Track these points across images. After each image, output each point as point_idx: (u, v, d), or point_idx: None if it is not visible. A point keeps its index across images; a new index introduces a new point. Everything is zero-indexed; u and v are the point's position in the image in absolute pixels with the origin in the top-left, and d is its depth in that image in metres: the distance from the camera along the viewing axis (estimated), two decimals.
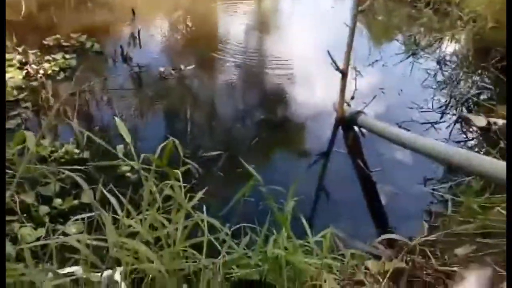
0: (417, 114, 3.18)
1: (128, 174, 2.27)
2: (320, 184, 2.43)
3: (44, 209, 1.91)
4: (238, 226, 1.31)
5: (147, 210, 1.29)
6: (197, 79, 3.69)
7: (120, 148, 1.99)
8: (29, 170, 1.95)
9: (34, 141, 0.94)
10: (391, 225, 2.04)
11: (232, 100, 3.43)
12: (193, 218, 1.26)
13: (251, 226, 1.34)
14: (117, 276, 1.17)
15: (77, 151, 2.38)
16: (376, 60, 4.15)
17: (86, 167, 2.21)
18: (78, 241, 1.15)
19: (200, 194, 1.45)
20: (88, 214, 1.38)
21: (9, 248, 1.04)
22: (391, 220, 2.11)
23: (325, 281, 1.22)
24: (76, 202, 2.01)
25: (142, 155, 1.31)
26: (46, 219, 1.83)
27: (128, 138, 1.29)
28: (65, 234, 1.64)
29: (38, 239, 1.80)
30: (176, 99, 3.32)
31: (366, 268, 1.51)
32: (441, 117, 3.19)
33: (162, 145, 1.40)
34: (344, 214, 1.95)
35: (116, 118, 1.34)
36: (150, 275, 1.22)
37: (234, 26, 5.08)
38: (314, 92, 3.52)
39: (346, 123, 2.79)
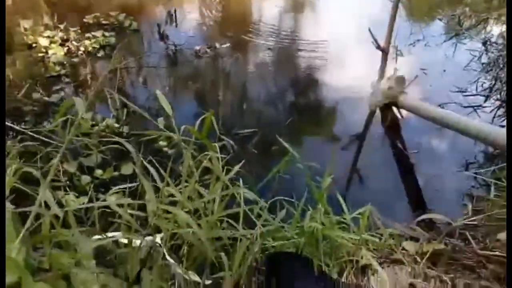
0: (460, 97, 3.04)
1: (165, 148, 2.32)
2: (354, 165, 2.38)
3: (86, 178, 1.99)
4: (274, 199, 1.30)
5: (186, 181, 1.31)
6: (232, 58, 3.68)
7: (160, 120, 2.03)
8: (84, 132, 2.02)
9: (83, 106, 0.97)
10: (429, 209, 1.98)
11: (265, 82, 3.39)
12: (230, 190, 1.27)
13: (288, 199, 1.33)
14: (158, 241, 1.21)
15: (117, 125, 2.45)
16: (418, 40, 3.98)
17: (127, 139, 2.27)
18: (120, 206, 1.19)
19: (237, 167, 1.46)
20: (130, 185, 1.42)
21: (57, 210, 1.09)
22: (430, 204, 2.05)
23: (362, 257, 1.21)
24: (116, 173, 2.08)
25: (183, 127, 1.33)
26: (88, 188, 1.91)
27: (169, 110, 1.30)
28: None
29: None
30: (211, 78, 3.33)
31: (403, 249, 1.48)
32: (485, 100, 3.03)
33: (201, 118, 1.42)
34: (380, 197, 1.91)
35: (157, 91, 1.36)
36: (189, 242, 1.25)
37: (268, 7, 5.00)
38: (349, 75, 3.43)
39: (386, 102, 2.71)
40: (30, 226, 0.92)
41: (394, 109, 2.68)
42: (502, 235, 1.65)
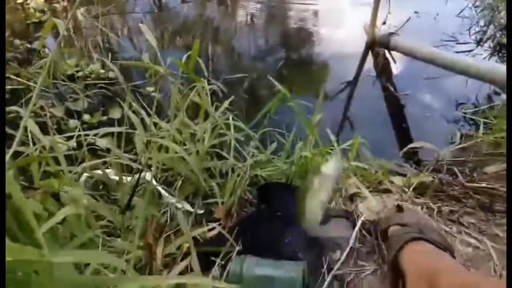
0: (453, 43, 3.00)
1: (153, 94, 2.28)
2: (345, 111, 2.38)
3: (74, 122, 1.96)
4: (264, 130, 1.29)
5: (174, 117, 1.29)
6: (218, 9, 3.54)
7: (145, 56, 1.98)
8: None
9: (64, 27, 0.93)
10: (418, 147, 2.00)
11: (254, 37, 3.29)
12: (220, 120, 1.26)
13: (278, 130, 1.32)
14: (148, 177, 1.21)
15: (102, 71, 2.39)
16: None
17: (111, 82, 2.23)
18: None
19: (226, 103, 1.44)
20: (119, 129, 1.40)
21: (44, 140, 1.07)
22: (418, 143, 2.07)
23: (350, 186, 1.23)
24: (104, 118, 2.05)
25: (169, 59, 1.29)
26: (76, 131, 1.88)
27: (153, 43, 1.26)
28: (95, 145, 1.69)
29: (68, 149, 1.87)
30: (197, 29, 3.22)
31: (391, 182, 1.50)
32: (477, 45, 3.00)
33: (188, 53, 1.38)
34: (370, 140, 1.92)
35: (141, 24, 1.30)
36: (180, 175, 1.25)
37: None
38: (340, 30, 3.34)
39: (377, 46, 2.66)
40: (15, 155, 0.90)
41: (386, 52, 2.64)
42: (489, 169, 1.69)
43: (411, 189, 1.37)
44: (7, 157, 0.83)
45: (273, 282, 0.89)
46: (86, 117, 2.03)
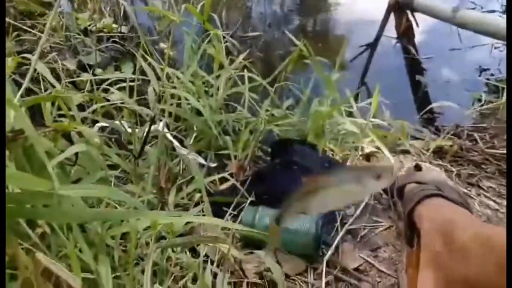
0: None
1: (166, 50, 2.22)
2: (364, 73, 2.30)
3: (86, 75, 1.93)
4: (280, 83, 1.25)
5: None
6: None
7: (157, 2, 1.92)
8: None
9: None
10: (438, 112, 1.94)
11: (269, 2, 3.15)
12: (232, 73, 1.22)
13: (295, 85, 1.28)
14: (160, 127, 1.19)
15: (115, 25, 2.33)
16: None
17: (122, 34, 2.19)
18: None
19: (241, 57, 1.39)
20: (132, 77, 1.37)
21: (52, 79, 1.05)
22: (438, 109, 2.00)
23: (367, 145, 1.19)
24: (117, 72, 2.02)
25: (183, 6, 1.24)
26: (89, 85, 1.86)
27: None
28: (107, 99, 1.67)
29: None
30: None
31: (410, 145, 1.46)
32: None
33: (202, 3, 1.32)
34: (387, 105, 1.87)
35: None
36: (193, 127, 1.23)
37: None
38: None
39: (400, 7, 2.54)
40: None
41: (409, 13, 2.52)
42: None
43: (429, 152, 1.33)
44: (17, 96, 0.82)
45: (286, 233, 0.88)
46: (98, 71, 2.00)
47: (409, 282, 0.81)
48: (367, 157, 1.21)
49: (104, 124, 1.17)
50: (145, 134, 1.04)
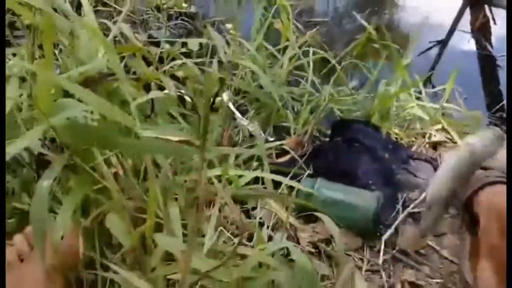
0: None
1: (229, 25, 2.26)
2: (434, 65, 2.19)
3: (154, 49, 2.01)
4: (347, 61, 1.22)
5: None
6: None
7: None
8: None
9: None
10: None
11: None
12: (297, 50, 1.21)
13: (362, 63, 1.24)
14: (225, 97, 1.20)
15: (185, 5, 2.41)
16: None
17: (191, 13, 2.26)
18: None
19: (308, 35, 1.37)
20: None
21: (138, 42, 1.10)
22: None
23: (438, 130, 1.13)
24: (183, 49, 2.08)
25: None
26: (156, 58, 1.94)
27: None
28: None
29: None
30: None
31: None
32: None
33: None
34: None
35: None
36: (255, 100, 1.23)
37: None
38: None
39: (477, 1, 2.38)
40: None
41: (486, 8, 2.36)
42: None
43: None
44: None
45: (344, 207, 0.86)
46: (166, 46, 2.07)
47: (473, 271, 0.77)
48: (435, 145, 1.15)
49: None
50: (210, 101, 1.07)
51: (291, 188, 0.96)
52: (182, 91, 1.19)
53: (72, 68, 0.80)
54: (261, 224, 0.85)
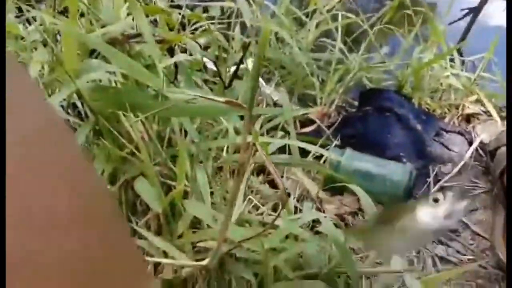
0: None
1: None
2: (464, 35, 2.07)
3: (176, 15, 1.96)
4: (380, 27, 1.15)
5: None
6: None
7: None
8: None
9: None
10: None
11: None
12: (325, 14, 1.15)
13: (396, 29, 1.16)
14: (250, 65, 1.16)
15: None
16: None
17: None
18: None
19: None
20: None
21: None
22: None
23: (472, 102, 1.08)
24: (205, 15, 2.02)
25: None
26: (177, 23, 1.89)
27: None
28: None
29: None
30: None
31: None
32: None
33: None
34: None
35: None
36: (280, 67, 1.19)
37: None
38: None
39: None
40: None
41: None
42: None
43: None
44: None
45: (373, 180, 0.83)
46: (187, 11, 2.02)
47: (506, 248, 0.74)
48: (467, 117, 1.09)
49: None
50: (235, 67, 1.03)
51: (317, 160, 0.94)
52: (206, 56, 1.16)
53: (95, 30, 0.77)
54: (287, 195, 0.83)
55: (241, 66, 1.11)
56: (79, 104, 0.80)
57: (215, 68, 1.02)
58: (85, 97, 0.64)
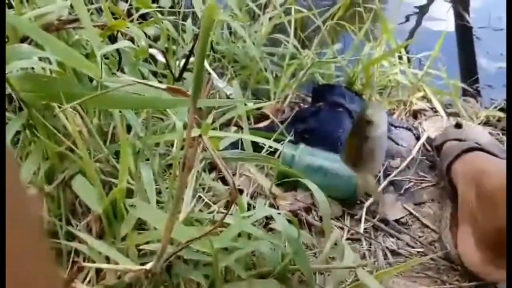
0: None
1: None
2: (411, 34, 2.16)
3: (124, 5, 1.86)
4: (332, 22, 1.15)
5: None
6: None
7: None
8: None
9: None
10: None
11: None
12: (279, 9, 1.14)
13: (347, 24, 1.17)
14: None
15: None
16: None
17: None
18: None
19: None
20: None
21: None
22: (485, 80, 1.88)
23: (419, 98, 1.11)
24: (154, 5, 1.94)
25: None
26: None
27: None
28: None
29: None
30: None
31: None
32: None
33: None
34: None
35: None
36: (233, 60, 1.16)
37: None
38: None
39: None
40: None
41: None
42: None
43: (480, 118, 1.23)
44: None
45: (326, 175, 0.83)
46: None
47: (453, 239, 0.76)
48: (415, 113, 1.13)
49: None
50: (185, 59, 0.99)
51: (271, 154, 0.92)
52: (153, 45, 1.10)
53: (27, 13, 0.70)
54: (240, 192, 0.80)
55: (192, 59, 1.08)
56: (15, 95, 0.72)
57: (164, 60, 0.97)
58: (15, 87, 0.57)
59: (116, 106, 0.53)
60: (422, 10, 2.34)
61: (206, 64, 1.11)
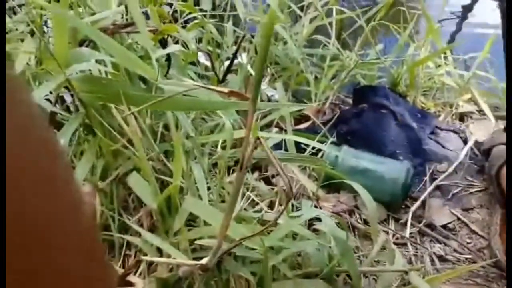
0: None
1: None
2: (455, 32, 2.09)
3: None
4: (375, 23, 1.13)
5: None
6: None
7: None
8: None
9: None
10: None
11: None
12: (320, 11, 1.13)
13: (391, 24, 1.15)
14: (244, 59, 1.14)
15: None
16: None
17: None
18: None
19: None
20: None
21: None
22: None
23: (466, 100, 1.07)
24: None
25: None
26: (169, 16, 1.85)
27: None
28: None
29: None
30: None
31: None
32: None
33: None
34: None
35: None
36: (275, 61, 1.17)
37: None
38: None
39: None
40: None
41: None
42: None
43: None
44: None
45: (371, 177, 0.81)
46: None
47: (503, 246, 0.74)
48: (461, 116, 1.09)
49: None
50: (230, 61, 1.00)
51: (314, 155, 0.92)
52: (201, 49, 1.13)
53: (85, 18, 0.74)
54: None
55: (235, 61, 1.10)
56: (67, 97, 0.76)
57: (208, 62, 0.99)
58: (75, 89, 0.61)
59: (173, 108, 0.55)
60: (467, 9, 2.26)
61: (248, 66, 1.13)
